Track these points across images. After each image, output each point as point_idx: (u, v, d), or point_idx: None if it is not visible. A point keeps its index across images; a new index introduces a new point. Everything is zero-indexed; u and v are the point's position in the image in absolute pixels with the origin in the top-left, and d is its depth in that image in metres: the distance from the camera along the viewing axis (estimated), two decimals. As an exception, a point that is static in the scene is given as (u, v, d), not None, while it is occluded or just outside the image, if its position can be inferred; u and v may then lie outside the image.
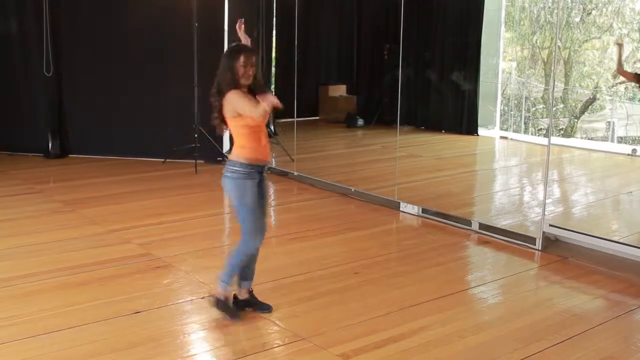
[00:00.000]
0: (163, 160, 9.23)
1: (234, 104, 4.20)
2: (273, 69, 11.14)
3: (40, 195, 7.62)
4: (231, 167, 4.30)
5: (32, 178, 8.29)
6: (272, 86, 11.03)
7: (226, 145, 9.54)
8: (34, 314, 4.47)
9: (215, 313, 4.54)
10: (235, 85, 4.23)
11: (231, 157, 4.35)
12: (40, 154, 9.44)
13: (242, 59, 4.20)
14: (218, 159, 9.33)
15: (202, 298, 4.80)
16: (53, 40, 9.23)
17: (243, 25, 4.59)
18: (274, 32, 10.99)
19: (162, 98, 9.23)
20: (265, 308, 4.56)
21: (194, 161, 8.77)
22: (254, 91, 4.28)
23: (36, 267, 5.31)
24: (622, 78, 9.49)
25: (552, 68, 9.34)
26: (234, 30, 9.35)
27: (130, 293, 4.86)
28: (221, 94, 4.30)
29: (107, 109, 9.40)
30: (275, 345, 4.15)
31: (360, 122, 11.70)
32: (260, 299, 4.69)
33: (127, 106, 9.34)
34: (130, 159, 9.41)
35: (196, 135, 8.78)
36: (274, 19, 10.95)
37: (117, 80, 9.30)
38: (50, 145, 9.41)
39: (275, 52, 11.13)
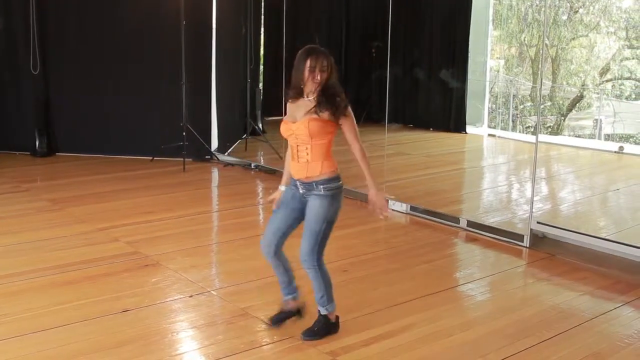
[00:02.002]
0: (151, 158, 9.20)
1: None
2: (261, 67, 11.14)
3: (27, 193, 7.58)
4: None
5: (19, 176, 8.25)
6: (260, 84, 11.03)
7: (214, 144, 9.53)
8: (21, 313, 4.44)
9: (205, 311, 4.55)
10: (298, 90, 4.03)
11: None
12: (27, 152, 9.40)
13: (309, 62, 3.93)
14: (206, 157, 9.33)
15: (191, 296, 4.79)
16: (40, 38, 9.18)
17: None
18: (262, 30, 10.99)
19: (150, 96, 9.20)
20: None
21: (182, 159, 8.75)
22: (322, 98, 3.96)
23: (23, 266, 5.28)
24: (608, 75, 9.54)
25: (540, 66, 9.37)
26: (221, 28, 9.40)
27: (118, 291, 4.85)
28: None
29: (95, 107, 9.35)
30: (263, 344, 4.14)
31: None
32: (248, 297, 4.71)
33: (114, 104, 9.31)
34: (118, 157, 9.36)
35: (184, 133, 8.76)
36: (262, 17, 10.95)
37: (104, 78, 9.26)
38: (37, 143, 9.36)
39: (264, 50, 11.13)
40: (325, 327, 4.18)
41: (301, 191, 4.05)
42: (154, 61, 9.17)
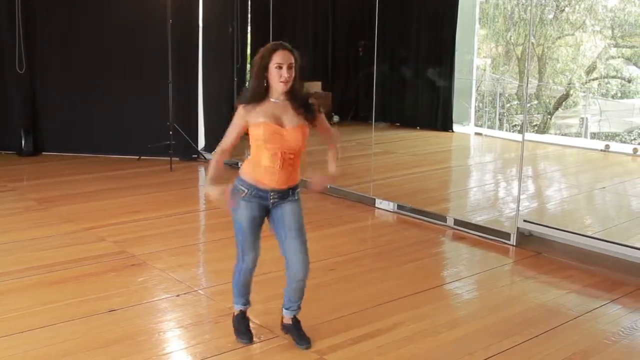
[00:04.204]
0: (138, 157, 9.17)
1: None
2: (248, 66, 11.11)
3: (13, 193, 7.55)
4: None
5: (5, 176, 8.20)
6: (247, 83, 11.01)
7: (201, 143, 9.51)
8: (8, 313, 4.43)
9: (192, 311, 4.54)
10: (261, 94, 3.70)
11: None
12: (13, 151, 9.35)
13: (276, 57, 3.66)
14: (193, 156, 9.31)
15: (177, 296, 4.78)
16: (25, 37, 9.13)
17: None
18: (249, 28, 10.96)
19: (137, 95, 9.18)
20: (303, 343, 4.06)
21: (169, 158, 8.73)
22: (297, 101, 3.73)
23: (10, 266, 5.26)
24: (594, 74, 9.59)
25: (526, 65, 9.42)
26: (208, 27, 9.37)
27: (105, 291, 4.83)
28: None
29: (81, 106, 9.32)
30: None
31: (336, 118, 11.70)
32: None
33: (101, 103, 9.27)
34: (104, 156, 9.34)
35: (171, 132, 8.73)
36: (249, 15, 10.93)
37: (91, 77, 9.23)
38: (23, 142, 9.31)
39: (250, 48, 11.11)
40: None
41: (272, 200, 3.85)
42: (140, 60, 9.14)
